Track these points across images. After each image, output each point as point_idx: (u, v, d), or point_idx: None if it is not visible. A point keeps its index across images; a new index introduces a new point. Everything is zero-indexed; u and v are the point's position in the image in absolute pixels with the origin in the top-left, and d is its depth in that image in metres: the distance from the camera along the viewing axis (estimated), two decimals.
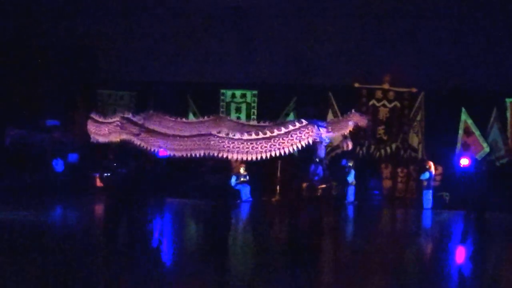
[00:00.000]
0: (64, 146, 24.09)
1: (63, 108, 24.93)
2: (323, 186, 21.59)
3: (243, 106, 24.74)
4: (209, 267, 11.78)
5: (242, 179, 22.44)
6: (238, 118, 24.29)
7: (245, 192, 22.33)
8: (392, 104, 24.25)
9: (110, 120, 18.80)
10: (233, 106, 24.73)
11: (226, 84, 25.09)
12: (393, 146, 24.11)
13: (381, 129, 24.25)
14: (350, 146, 19.57)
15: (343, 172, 21.85)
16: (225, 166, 21.77)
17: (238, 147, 16.78)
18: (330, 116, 23.86)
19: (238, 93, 24.87)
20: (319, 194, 21.84)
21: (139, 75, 25.62)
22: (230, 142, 16.87)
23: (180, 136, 17.82)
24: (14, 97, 23.99)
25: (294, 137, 17.19)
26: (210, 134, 16.85)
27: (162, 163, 18.02)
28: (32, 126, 24.70)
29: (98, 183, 22.65)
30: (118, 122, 18.26)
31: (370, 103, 24.26)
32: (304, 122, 17.55)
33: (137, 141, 17.54)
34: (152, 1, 24.63)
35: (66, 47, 24.99)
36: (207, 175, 21.79)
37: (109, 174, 19.67)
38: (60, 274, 10.98)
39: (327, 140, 19.09)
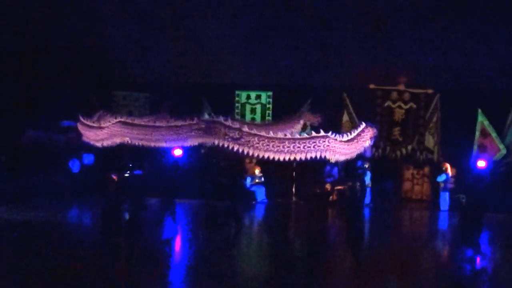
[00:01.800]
0: (79, 147, 24.16)
1: (79, 109, 25.01)
2: (339, 187, 21.62)
3: (258, 107, 24.70)
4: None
5: (257, 180, 22.42)
6: (253, 119, 24.31)
7: (260, 193, 22.30)
8: (408, 106, 24.10)
9: (182, 123, 16.80)
10: (248, 107, 24.69)
11: (241, 85, 25.06)
12: (409, 147, 23.97)
13: (396, 131, 24.11)
14: None
15: (358, 174, 21.75)
16: (240, 168, 21.94)
17: (334, 147, 16.28)
18: (345, 118, 23.83)
19: (253, 94, 24.83)
20: (335, 195, 21.90)
21: (154, 77, 25.67)
22: (333, 142, 16.34)
23: (291, 139, 16.52)
24: (31, 98, 24.11)
25: (364, 138, 17.21)
26: (327, 136, 16.11)
27: (177, 164, 18.03)
28: (48, 127, 24.80)
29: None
30: (203, 125, 16.47)
31: (385, 104, 24.12)
32: (364, 124, 17.52)
33: (232, 146, 15.78)
34: (167, 3, 24.69)
35: (81, 49, 25.09)
36: (222, 177, 21.93)
37: (124, 175, 19.77)
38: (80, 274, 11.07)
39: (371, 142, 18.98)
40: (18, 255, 12.61)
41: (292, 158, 16.03)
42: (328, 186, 21.98)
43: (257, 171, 22.39)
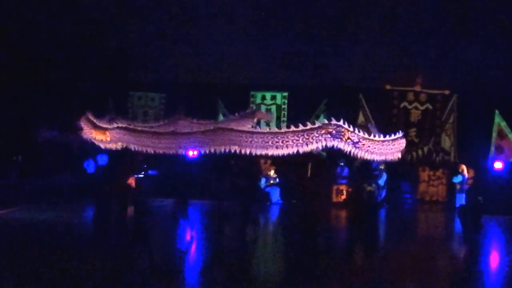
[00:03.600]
0: (94, 147, 24.20)
1: (94, 109, 25.08)
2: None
3: (273, 108, 24.63)
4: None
5: (272, 181, 22.38)
6: (268, 120, 24.26)
7: (275, 194, 22.26)
8: (424, 107, 23.95)
9: (307, 127, 15.19)
10: (263, 108, 24.61)
11: (256, 86, 25.00)
12: (425, 149, 23.82)
13: (412, 132, 23.95)
14: None
15: (374, 175, 21.63)
16: (257, 169, 21.90)
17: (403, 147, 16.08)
18: (361, 118, 23.71)
19: (268, 95, 24.77)
20: (348, 197, 21.82)
21: (169, 77, 25.69)
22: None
23: (387, 141, 16.12)
24: (47, 98, 24.22)
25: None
26: (402, 137, 15.89)
27: (193, 165, 18.01)
28: (64, 127, 24.91)
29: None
30: (332, 130, 15.69)
31: (402, 105, 23.99)
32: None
33: (351, 149, 14.91)
34: (184, 4, 24.71)
35: (98, 49, 25.17)
36: (237, 177, 21.89)
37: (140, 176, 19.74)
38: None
39: None
40: (34, 256, 12.65)
41: (388, 159, 15.86)
42: (344, 187, 21.98)
43: (272, 172, 22.35)
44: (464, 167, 21.55)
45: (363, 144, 15.06)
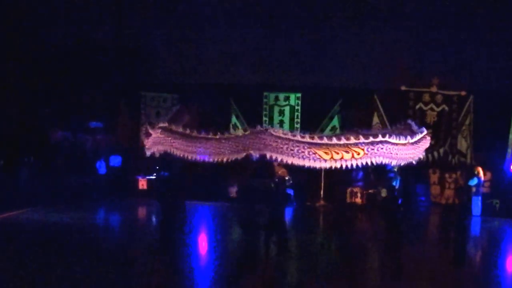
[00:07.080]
0: (106, 148, 24.23)
1: (107, 110, 25.06)
2: (369, 191, 21.34)
3: (287, 109, 24.40)
4: None
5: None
6: (282, 121, 24.06)
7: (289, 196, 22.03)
8: (440, 108, 23.67)
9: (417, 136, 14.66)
10: (276, 109, 24.41)
11: (270, 86, 24.79)
12: (441, 151, 23.55)
13: (428, 134, 23.61)
14: None
15: (389, 178, 21.38)
16: (269, 171, 21.70)
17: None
18: (375, 120, 23.47)
19: (281, 96, 24.52)
20: (364, 199, 21.64)
21: (182, 78, 25.57)
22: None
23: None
24: (60, 99, 24.20)
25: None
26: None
27: (205, 167, 17.89)
28: (76, 128, 24.90)
29: (141, 185, 22.75)
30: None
31: (417, 106, 23.72)
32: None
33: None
34: (197, 4, 24.60)
35: (110, 50, 25.14)
36: (250, 179, 21.68)
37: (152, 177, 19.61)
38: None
39: None
40: (47, 256, 12.59)
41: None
42: (359, 189, 21.78)
43: (285, 174, 22.10)
44: (480, 169, 21.26)
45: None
